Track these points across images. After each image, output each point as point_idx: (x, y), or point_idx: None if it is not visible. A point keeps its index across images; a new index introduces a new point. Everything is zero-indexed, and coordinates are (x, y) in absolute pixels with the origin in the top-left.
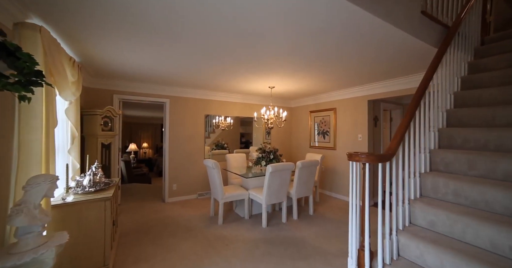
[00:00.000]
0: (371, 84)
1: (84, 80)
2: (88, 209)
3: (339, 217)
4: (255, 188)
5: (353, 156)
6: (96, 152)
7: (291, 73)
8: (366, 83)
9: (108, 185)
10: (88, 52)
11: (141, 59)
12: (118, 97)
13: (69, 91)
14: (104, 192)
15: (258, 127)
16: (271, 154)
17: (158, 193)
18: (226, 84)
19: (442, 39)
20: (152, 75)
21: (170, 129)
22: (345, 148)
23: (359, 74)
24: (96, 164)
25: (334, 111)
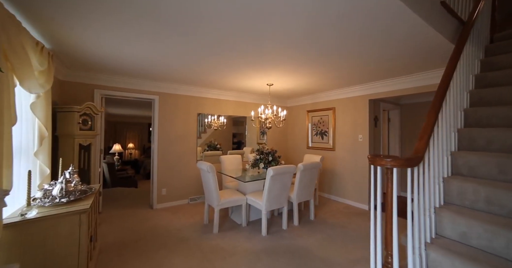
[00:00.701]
0: (372, 83)
1: (58, 72)
2: (57, 225)
3: (342, 222)
4: (253, 193)
5: (377, 160)
6: (73, 154)
7: (293, 69)
8: (368, 82)
9: (85, 194)
10: (62, 38)
11: (127, 50)
12: (100, 92)
13: (35, 82)
14: (80, 202)
15: (252, 127)
16: (269, 156)
17: (146, 198)
18: (221, 80)
19: (458, 34)
20: (139, 69)
21: (159, 129)
22: (344, 149)
23: (365, 72)
24: (71, 168)
25: (333, 111)
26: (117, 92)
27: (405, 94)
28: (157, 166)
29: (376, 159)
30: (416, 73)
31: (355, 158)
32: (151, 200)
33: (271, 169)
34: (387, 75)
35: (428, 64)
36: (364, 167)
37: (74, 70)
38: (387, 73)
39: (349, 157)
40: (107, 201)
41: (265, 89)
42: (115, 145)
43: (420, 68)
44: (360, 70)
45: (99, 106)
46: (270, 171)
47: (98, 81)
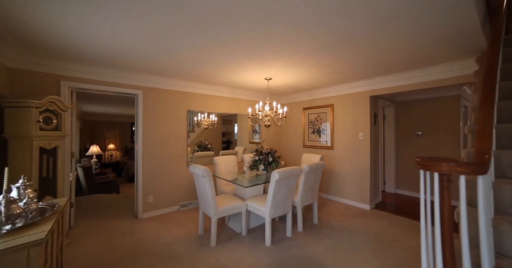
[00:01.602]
0: (374, 79)
1: (6, 58)
2: None
3: (346, 224)
4: (254, 198)
5: (433, 164)
6: (30, 161)
7: (298, 61)
8: (370, 77)
9: (43, 215)
10: (4, 11)
11: (101, 31)
12: (68, 85)
13: None
14: (31, 229)
15: (244, 126)
16: (269, 156)
17: (130, 205)
18: (214, 73)
19: (486, 20)
20: (118, 57)
21: (144, 128)
22: (344, 147)
23: (373, 66)
24: (21, 181)
25: (331, 108)
26: (92, 85)
27: (405, 91)
28: (142, 170)
29: (431, 163)
30: (426, 67)
31: (355, 156)
32: (136, 209)
33: (277, 172)
34: (394, 69)
35: (443, 57)
36: (365, 166)
37: (30, 56)
38: (396, 67)
39: (349, 155)
40: (83, 211)
41: (262, 84)
42: (92, 147)
43: (435, 61)
44: (368, 63)
45: (68, 102)
46: (275, 175)
47: (66, 71)
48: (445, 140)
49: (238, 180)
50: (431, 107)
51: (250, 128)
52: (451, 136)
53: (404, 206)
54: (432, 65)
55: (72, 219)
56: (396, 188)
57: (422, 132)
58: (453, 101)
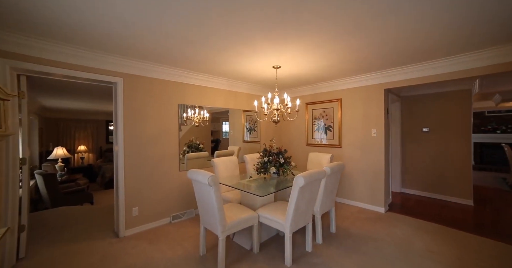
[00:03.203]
0: (389, 70)
1: None
2: None
3: (367, 232)
4: (266, 207)
5: None
6: None
7: (320, 44)
8: (386, 68)
9: None
10: None
11: None
12: (11, 65)
13: None
14: None
15: (237, 124)
16: (280, 157)
17: (108, 220)
18: (213, 58)
19: None
20: (88, 28)
21: (126, 125)
22: (353, 146)
23: (397, 53)
24: None
25: (338, 102)
26: (51, 68)
27: (419, 84)
28: (124, 176)
29: None
30: (452, 56)
31: (367, 155)
32: (117, 225)
33: (302, 177)
34: (417, 58)
35: (474, 44)
36: (379, 166)
37: None
38: (421, 54)
39: (360, 154)
40: (41, 233)
41: (267, 74)
42: (56, 149)
43: (464, 48)
44: (391, 50)
45: (12, 89)
46: (299, 180)
47: (5, 44)
48: (455, 136)
49: (245, 186)
50: (440, 102)
51: (244, 127)
52: (462, 132)
53: (417, 207)
54: (459, 53)
55: (22, 248)
56: (402, 187)
57: (430, 129)
58: (465, 96)
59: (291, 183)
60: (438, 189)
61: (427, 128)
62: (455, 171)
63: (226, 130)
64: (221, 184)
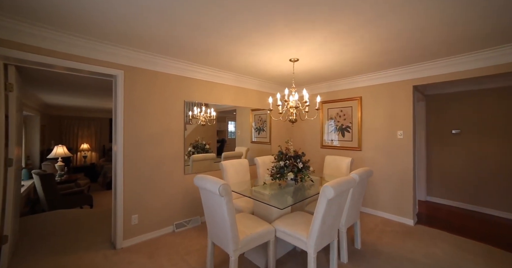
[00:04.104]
0: (420, 64)
1: None
2: None
3: (398, 249)
4: (283, 219)
5: None
6: None
7: (346, 31)
8: (415, 62)
9: None
10: None
11: None
12: None
13: None
14: None
15: (244, 123)
16: (298, 161)
17: (107, 226)
18: (225, 48)
19: None
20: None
21: (126, 122)
22: (375, 149)
23: (430, 43)
24: None
25: (358, 101)
26: (42, 57)
27: (458, 80)
28: (123, 179)
29: None
30: (498, 47)
31: (391, 159)
32: (114, 235)
33: (331, 187)
34: (453, 50)
35: None
36: (407, 172)
37: None
38: (459, 44)
39: (383, 158)
40: (32, 241)
41: (282, 68)
42: (57, 147)
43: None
44: (423, 40)
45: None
46: (328, 191)
47: None
48: (496, 140)
49: (259, 194)
50: (475, 101)
51: (252, 126)
52: (506, 136)
53: (450, 219)
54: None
55: (4, 261)
56: (427, 194)
57: (461, 131)
58: (508, 93)
59: (311, 191)
60: (475, 200)
61: (458, 130)
62: (498, 180)
63: (232, 130)
64: (233, 191)
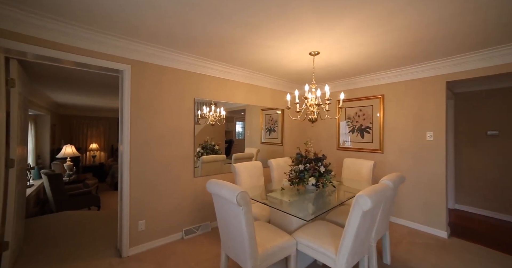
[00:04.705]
0: (456, 57)
1: None
2: None
3: (434, 265)
4: (305, 230)
5: None
6: None
7: (372, 22)
8: (449, 55)
9: None
10: None
11: None
12: None
13: None
14: None
15: (254, 123)
16: (320, 164)
17: (113, 230)
18: (241, 40)
19: None
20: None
21: (133, 121)
22: (401, 151)
23: (483, 30)
24: None
25: (380, 100)
26: (48, 50)
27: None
28: (129, 182)
29: None
30: None
31: (419, 163)
32: (120, 242)
33: (367, 197)
34: (499, 40)
35: None
36: (438, 177)
37: None
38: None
39: (409, 162)
40: (35, 246)
41: (299, 64)
42: (65, 147)
43: None
44: (467, 28)
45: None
46: (364, 201)
47: None
48: None
49: (277, 201)
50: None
51: (262, 127)
52: None
53: (487, 231)
54: None
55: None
56: (456, 202)
57: (500, 132)
58: None
59: (333, 197)
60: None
61: (495, 131)
62: None
63: (239, 130)
64: (252, 199)
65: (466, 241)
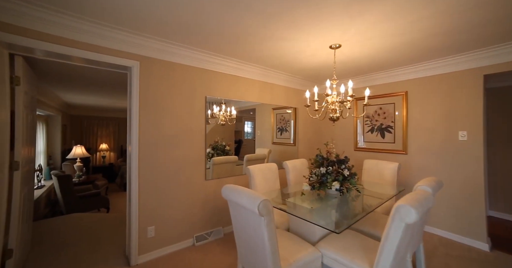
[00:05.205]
0: (496, 48)
1: None
2: None
3: None
4: (331, 241)
5: None
6: None
7: (403, 10)
8: (489, 45)
9: None
10: None
11: None
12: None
13: None
14: None
15: (265, 122)
16: (343, 167)
17: (120, 234)
18: (256, 32)
19: None
20: None
21: (142, 120)
22: (428, 152)
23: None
24: None
25: (403, 96)
26: (53, 45)
27: None
28: (138, 186)
29: None
30: None
31: (450, 165)
32: (128, 249)
33: (411, 208)
34: None
35: None
36: (475, 181)
37: None
38: None
39: (437, 164)
40: (41, 251)
41: (318, 59)
42: (75, 147)
43: None
44: None
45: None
46: (408, 213)
47: None
48: None
49: (298, 208)
50: None
51: (274, 126)
52: None
53: None
54: None
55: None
56: (489, 208)
57: None
58: None
59: (358, 203)
60: None
61: None
62: None
63: (247, 130)
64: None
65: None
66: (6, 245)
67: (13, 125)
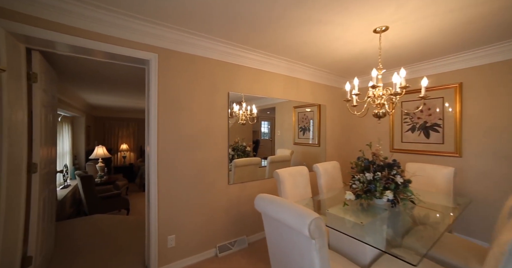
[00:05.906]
0: None
1: None
2: None
3: None
4: (385, 266)
5: None
6: None
7: None
8: None
9: None
10: None
11: None
12: (14, 29)
13: None
14: None
15: (285, 121)
16: (395, 173)
17: (139, 240)
18: (289, 16)
19: None
20: None
21: (160, 119)
22: (491, 155)
23: None
24: None
25: (456, 89)
26: (66, 37)
27: None
28: (158, 191)
29: None
30: None
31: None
32: (148, 259)
33: None
34: None
35: None
36: None
37: None
38: None
39: (504, 169)
40: (64, 257)
41: (354, 47)
42: (97, 148)
43: None
44: None
45: (19, 65)
46: None
47: None
48: None
49: (341, 223)
50: None
51: (295, 125)
52: None
53: None
54: None
55: None
56: None
57: None
58: None
59: (415, 216)
60: None
61: None
62: None
63: (264, 130)
64: (328, 227)
65: None
66: (25, 253)
67: (30, 125)
